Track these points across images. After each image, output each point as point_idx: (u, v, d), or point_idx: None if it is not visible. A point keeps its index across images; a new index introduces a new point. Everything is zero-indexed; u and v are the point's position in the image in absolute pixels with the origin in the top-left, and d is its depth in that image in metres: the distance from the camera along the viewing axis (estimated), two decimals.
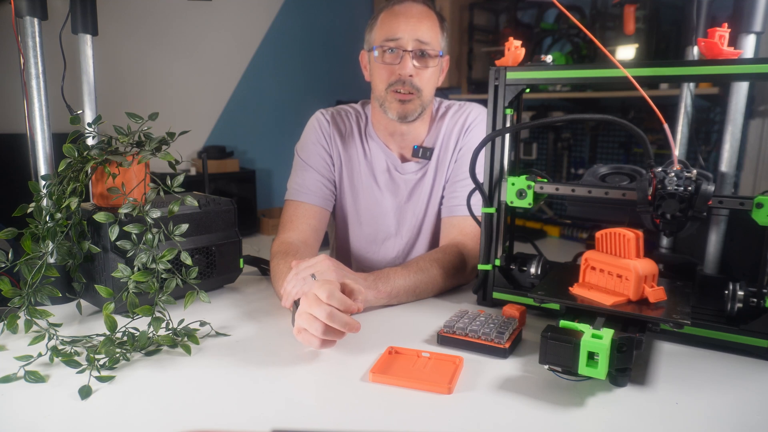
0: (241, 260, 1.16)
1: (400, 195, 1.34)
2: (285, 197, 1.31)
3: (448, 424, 0.64)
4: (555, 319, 0.75)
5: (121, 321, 0.85)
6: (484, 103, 1.06)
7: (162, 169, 1.04)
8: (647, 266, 0.79)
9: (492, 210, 0.99)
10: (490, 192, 0.99)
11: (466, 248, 1.18)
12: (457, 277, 1.15)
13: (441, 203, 1.33)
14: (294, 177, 1.32)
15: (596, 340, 0.68)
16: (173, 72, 4.26)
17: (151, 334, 0.84)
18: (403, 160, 1.33)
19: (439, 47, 1.23)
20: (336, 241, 1.43)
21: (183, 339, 0.85)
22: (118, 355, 0.79)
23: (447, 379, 0.73)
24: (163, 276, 0.88)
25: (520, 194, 0.94)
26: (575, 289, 0.83)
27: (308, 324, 0.79)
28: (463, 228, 1.24)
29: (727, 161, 0.95)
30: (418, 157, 1.30)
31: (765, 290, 0.80)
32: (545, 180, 0.97)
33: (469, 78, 4.72)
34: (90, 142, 0.98)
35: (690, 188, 0.76)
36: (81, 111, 1.15)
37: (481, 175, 0.99)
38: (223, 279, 1.15)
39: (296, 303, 0.87)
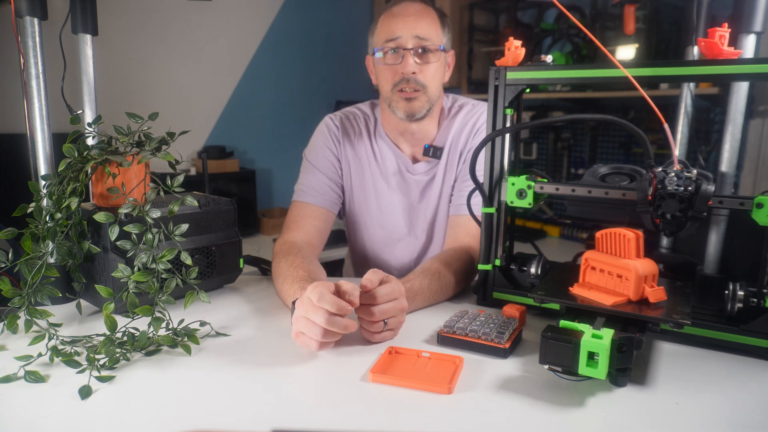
0: (241, 260, 1.16)
1: (411, 196, 1.35)
2: (292, 199, 1.32)
3: (448, 424, 0.64)
4: (555, 319, 0.75)
5: (121, 321, 0.85)
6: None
7: (162, 169, 1.04)
8: (647, 266, 0.79)
9: (492, 210, 0.99)
10: (490, 192, 0.99)
11: (476, 252, 1.17)
12: (468, 281, 1.15)
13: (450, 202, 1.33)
14: (301, 179, 1.33)
15: (596, 340, 0.68)
16: (173, 72, 4.25)
17: (151, 334, 0.84)
18: (414, 161, 1.34)
19: (440, 42, 1.23)
20: (351, 245, 1.44)
21: (183, 339, 0.85)
22: (118, 355, 0.79)
23: (447, 379, 0.73)
24: (163, 276, 0.88)
25: (520, 194, 0.94)
26: (575, 289, 0.83)
27: (306, 328, 0.79)
28: (470, 229, 1.23)
29: (727, 161, 0.95)
30: (429, 156, 1.30)
31: (765, 290, 0.80)
32: (545, 180, 0.97)
33: (469, 78, 4.71)
34: (90, 142, 0.98)
35: (690, 188, 0.76)
36: (81, 111, 1.15)
37: (482, 175, 0.99)
38: (223, 279, 1.15)
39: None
